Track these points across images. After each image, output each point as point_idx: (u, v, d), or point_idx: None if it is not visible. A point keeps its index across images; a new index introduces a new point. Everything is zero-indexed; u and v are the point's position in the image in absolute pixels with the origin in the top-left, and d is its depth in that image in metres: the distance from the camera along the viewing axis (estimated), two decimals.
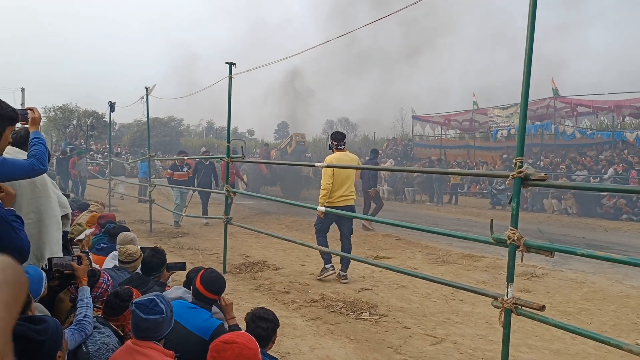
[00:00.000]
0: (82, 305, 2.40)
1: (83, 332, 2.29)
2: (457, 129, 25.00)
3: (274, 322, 2.61)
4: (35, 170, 2.60)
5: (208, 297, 2.97)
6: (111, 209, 12.87)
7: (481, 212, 14.31)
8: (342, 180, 6.04)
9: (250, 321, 2.56)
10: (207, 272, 3.01)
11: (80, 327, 2.29)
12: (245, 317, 2.65)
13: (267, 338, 2.53)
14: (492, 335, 4.27)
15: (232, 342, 2.07)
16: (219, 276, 3.03)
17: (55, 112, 35.99)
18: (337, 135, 6.32)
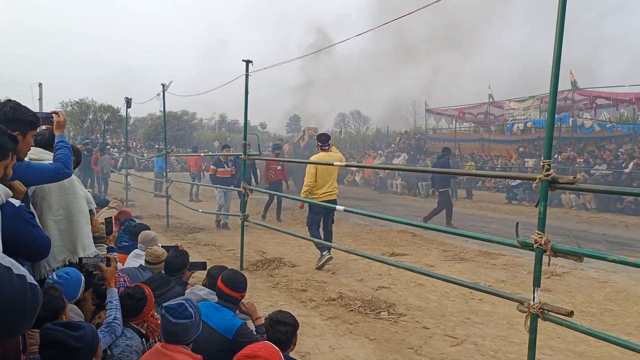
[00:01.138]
0: (112, 307, 2.44)
1: (113, 334, 2.33)
2: (471, 122, 24.75)
3: (293, 325, 2.61)
4: (61, 174, 2.63)
5: (230, 295, 3.02)
6: (128, 204, 13.02)
7: (497, 207, 14.18)
8: (325, 179, 6.71)
9: (269, 326, 2.57)
10: (227, 271, 3.09)
11: (111, 329, 2.32)
12: (264, 323, 2.66)
13: (287, 341, 2.53)
14: (513, 336, 4.23)
15: (255, 356, 2.07)
16: (238, 274, 3.11)
17: (72, 107, 36.43)
18: (322, 137, 6.95)
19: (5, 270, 0.90)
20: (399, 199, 17.36)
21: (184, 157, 26.06)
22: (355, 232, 9.72)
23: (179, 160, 28.72)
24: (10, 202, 1.90)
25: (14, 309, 0.90)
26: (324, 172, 6.64)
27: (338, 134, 39.81)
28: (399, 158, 21.59)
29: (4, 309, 0.89)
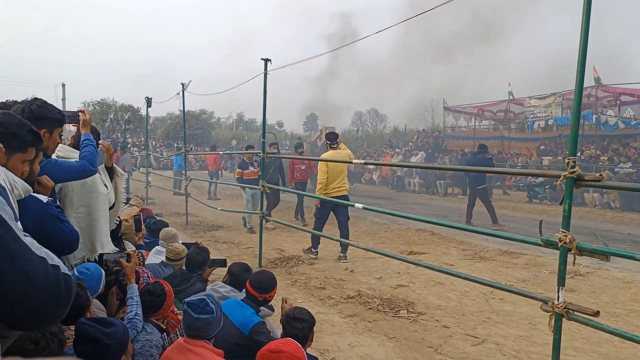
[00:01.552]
0: (132, 303, 2.47)
1: (134, 329, 2.36)
2: (491, 120, 24.41)
3: (309, 322, 2.62)
4: (86, 172, 2.68)
5: (251, 293, 3.05)
6: (148, 202, 13.22)
7: (517, 206, 13.96)
8: (335, 175, 7.04)
9: (285, 323, 2.58)
10: (258, 270, 3.17)
11: (132, 325, 2.36)
12: (281, 319, 2.68)
13: (304, 338, 2.54)
14: (535, 336, 4.16)
15: (279, 351, 2.08)
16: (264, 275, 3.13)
17: (93, 107, 37.11)
18: (331, 135, 7.33)
19: (40, 261, 0.92)
20: (417, 198, 17.23)
21: (202, 156, 26.33)
22: (373, 230, 9.69)
23: (197, 159, 29.02)
24: (38, 198, 1.93)
25: (49, 298, 0.92)
26: (335, 169, 6.98)
27: (355, 132, 39.72)
28: (416, 156, 21.41)
29: (40, 298, 0.91)
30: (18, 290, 0.88)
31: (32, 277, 0.89)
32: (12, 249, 0.87)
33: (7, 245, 0.87)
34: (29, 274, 0.89)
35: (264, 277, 3.08)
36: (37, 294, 0.90)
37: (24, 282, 0.88)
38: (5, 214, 0.89)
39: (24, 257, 0.89)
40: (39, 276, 0.90)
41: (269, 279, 3.09)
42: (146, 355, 2.38)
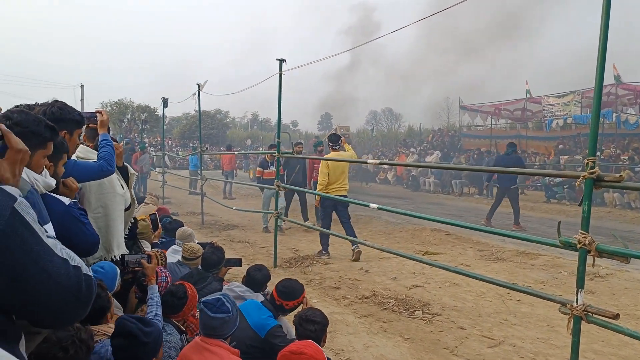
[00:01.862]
0: (152, 303, 2.50)
1: None
2: (508, 119, 24.09)
3: (322, 324, 2.61)
4: (104, 172, 2.72)
5: (272, 296, 3.07)
6: (164, 201, 13.37)
7: (535, 206, 13.76)
8: (337, 176, 7.25)
9: (298, 324, 2.58)
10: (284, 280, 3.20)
11: None
12: (294, 320, 2.68)
13: (316, 339, 2.54)
14: (554, 339, 4.10)
15: (300, 352, 2.09)
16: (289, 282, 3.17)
17: (111, 107, 37.70)
18: (333, 137, 7.51)
19: (62, 262, 0.95)
20: (432, 197, 17.11)
21: (217, 155, 26.53)
22: (388, 230, 9.65)
23: (212, 159, 29.26)
24: (60, 199, 1.97)
25: (71, 298, 0.95)
26: (336, 171, 7.21)
27: (370, 131, 39.59)
28: (432, 156, 21.26)
29: (62, 298, 0.94)
30: (41, 291, 0.90)
31: (55, 278, 0.92)
32: (36, 251, 0.90)
33: (31, 247, 0.89)
34: (51, 275, 0.92)
35: (290, 284, 3.10)
36: (59, 294, 0.93)
37: (46, 282, 0.91)
38: (30, 217, 0.91)
39: (47, 258, 0.92)
40: (61, 277, 0.93)
41: (293, 287, 3.10)
42: (164, 356, 2.41)
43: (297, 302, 3.09)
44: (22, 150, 1.03)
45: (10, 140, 1.01)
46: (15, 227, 0.88)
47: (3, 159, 0.99)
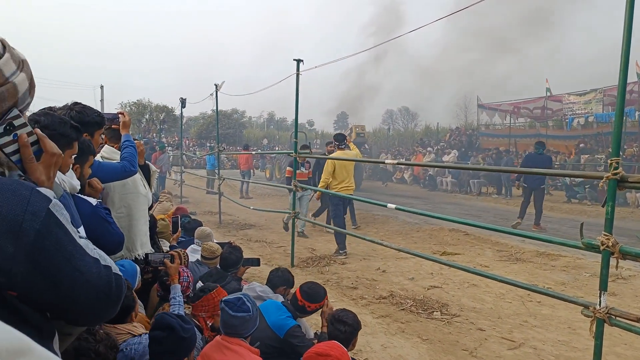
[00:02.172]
0: (175, 303, 2.55)
1: None
2: (527, 118, 23.74)
3: (353, 326, 2.63)
4: (127, 172, 2.78)
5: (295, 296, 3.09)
6: (182, 200, 13.53)
7: (555, 206, 13.53)
8: (343, 175, 7.45)
9: (330, 323, 2.60)
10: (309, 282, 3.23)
11: None
12: (327, 318, 2.70)
13: (345, 341, 2.55)
14: (575, 341, 4.04)
15: (326, 354, 2.11)
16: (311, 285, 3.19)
17: (130, 108, 38.27)
18: (339, 137, 7.73)
19: (94, 262, 0.98)
20: (449, 197, 16.96)
21: (233, 155, 26.71)
22: (405, 230, 9.61)
23: (229, 158, 29.48)
24: (88, 200, 2.02)
25: (102, 297, 0.98)
26: (342, 169, 7.38)
27: (386, 130, 39.44)
28: (449, 155, 21.06)
29: (93, 297, 0.97)
30: (75, 289, 0.94)
31: (87, 277, 0.95)
32: (69, 251, 0.94)
33: (65, 247, 0.93)
34: (84, 274, 0.95)
35: (314, 287, 3.12)
36: (91, 293, 0.96)
37: (79, 281, 0.94)
38: (63, 218, 0.95)
39: (80, 258, 0.95)
40: (93, 276, 0.96)
41: (317, 291, 3.11)
42: None
43: (319, 306, 3.11)
44: (56, 154, 1.07)
45: (45, 144, 1.05)
46: (50, 228, 0.91)
47: (39, 163, 1.03)
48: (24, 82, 1.00)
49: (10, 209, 0.87)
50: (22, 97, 1.01)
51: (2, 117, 0.96)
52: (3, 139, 0.96)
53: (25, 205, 0.89)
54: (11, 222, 0.86)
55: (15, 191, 0.89)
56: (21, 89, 1.00)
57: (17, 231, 0.87)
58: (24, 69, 1.01)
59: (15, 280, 0.87)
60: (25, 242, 0.87)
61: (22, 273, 0.87)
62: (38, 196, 0.92)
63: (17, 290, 0.89)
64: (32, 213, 0.89)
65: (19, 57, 1.02)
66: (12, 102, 0.98)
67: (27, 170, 1.01)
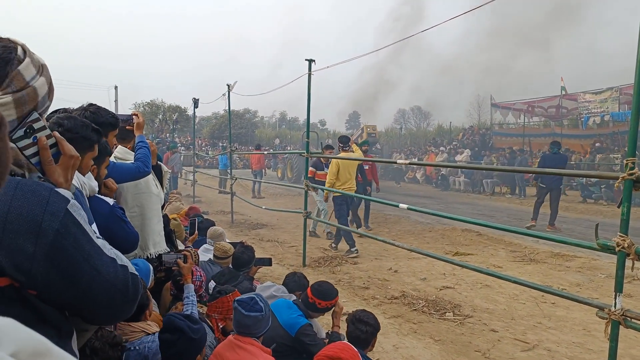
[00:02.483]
0: (188, 302, 2.57)
1: None
2: (541, 117, 23.46)
3: (374, 327, 2.63)
4: (141, 173, 2.81)
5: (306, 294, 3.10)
6: (195, 200, 13.64)
7: (570, 206, 13.37)
8: (346, 176, 7.69)
9: (351, 323, 2.60)
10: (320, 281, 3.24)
11: None
12: (347, 318, 2.71)
13: (365, 341, 2.55)
14: (590, 343, 3.99)
15: (337, 357, 2.11)
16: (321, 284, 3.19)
17: (143, 108, 38.67)
18: (343, 139, 8.00)
19: (111, 261, 1.01)
20: (462, 197, 16.84)
21: (245, 155, 26.85)
22: (417, 230, 9.57)
23: (242, 158, 29.63)
24: (105, 200, 2.05)
25: (119, 296, 1.01)
26: (345, 170, 7.63)
27: (398, 130, 39.28)
28: (462, 155, 20.91)
29: (110, 296, 0.99)
30: (92, 288, 0.96)
31: (105, 276, 0.98)
32: (87, 250, 0.96)
33: (83, 247, 0.95)
34: (101, 273, 0.97)
35: (325, 286, 3.13)
36: (109, 292, 0.99)
37: (97, 280, 0.96)
38: (81, 218, 0.97)
39: (97, 257, 0.98)
40: (110, 275, 0.99)
41: (328, 289, 3.12)
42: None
43: (330, 304, 3.11)
44: (74, 156, 1.10)
45: (64, 147, 1.08)
46: (69, 227, 0.93)
47: (57, 165, 1.06)
48: (43, 86, 1.03)
49: (30, 210, 0.89)
50: (42, 100, 1.03)
51: (23, 120, 0.99)
52: (23, 141, 0.99)
53: (44, 205, 0.91)
54: (31, 222, 0.88)
55: (34, 192, 0.92)
56: (41, 92, 1.02)
57: (37, 231, 0.89)
58: (43, 73, 1.04)
59: (35, 279, 0.89)
60: (45, 241, 0.89)
61: (42, 272, 0.89)
62: (57, 196, 0.94)
63: (37, 289, 0.91)
64: (51, 213, 0.91)
65: (39, 61, 1.04)
66: (32, 105, 1.00)
67: (46, 172, 1.04)
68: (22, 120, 0.99)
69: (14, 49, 0.99)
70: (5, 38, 1.02)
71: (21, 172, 1.01)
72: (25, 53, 1.01)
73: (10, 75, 0.96)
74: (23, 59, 0.99)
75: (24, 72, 0.98)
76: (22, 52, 1.00)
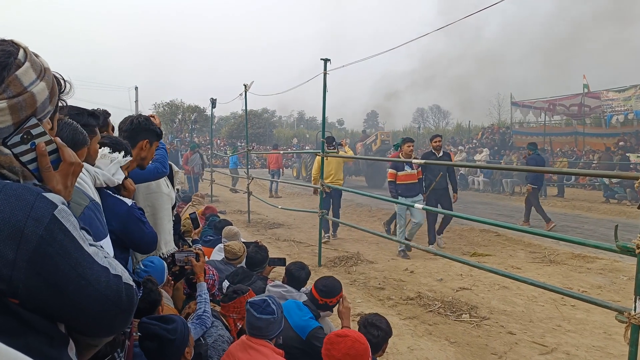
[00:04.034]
0: (201, 300, 2.60)
1: (203, 325, 2.48)
2: (563, 115, 23.00)
3: (386, 332, 2.62)
4: (159, 174, 2.87)
5: (313, 296, 3.09)
6: (212, 199, 13.77)
7: (592, 206, 13.07)
8: (329, 172, 8.18)
9: (362, 326, 2.59)
10: (322, 278, 3.17)
11: (201, 322, 2.48)
12: (358, 321, 2.70)
13: (377, 345, 2.54)
14: (611, 347, 3.89)
15: (345, 335, 2.16)
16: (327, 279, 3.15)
17: (163, 108, 39.23)
18: (329, 139, 8.00)
19: (102, 270, 0.96)
20: (481, 197, 16.62)
21: (263, 155, 26.99)
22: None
23: (259, 158, 29.81)
24: (123, 201, 2.09)
25: (110, 307, 0.96)
26: (328, 167, 8.05)
27: (417, 129, 39.00)
28: (481, 154, 20.63)
29: (101, 307, 0.95)
30: (80, 298, 0.92)
31: (94, 285, 0.93)
32: (75, 258, 0.92)
33: (70, 254, 0.91)
34: (90, 282, 0.93)
35: (329, 282, 3.10)
36: (98, 302, 0.94)
37: (85, 290, 0.92)
38: (70, 224, 0.93)
39: (86, 265, 0.93)
40: (100, 284, 0.94)
41: (333, 285, 3.10)
42: (219, 350, 2.50)
43: (338, 298, 3.10)
44: (75, 162, 1.07)
45: (64, 153, 1.04)
46: (55, 234, 0.89)
47: (57, 172, 1.03)
48: (43, 91, 1.00)
49: (13, 215, 0.85)
50: (41, 106, 1.00)
51: (20, 126, 0.96)
52: (19, 147, 0.96)
53: (28, 210, 0.87)
54: (12, 227, 0.85)
55: (19, 196, 0.88)
56: (39, 98, 0.99)
57: (19, 237, 0.85)
58: (45, 77, 1.00)
59: (16, 287, 0.85)
60: (27, 248, 0.85)
61: (23, 280, 0.85)
62: (43, 202, 0.90)
63: (18, 297, 0.87)
64: (35, 219, 0.87)
65: (41, 65, 1.01)
66: (30, 111, 0.97)
67: (44, 179, 1.00)
68: (19, 125, 0.96)
69: (15, 52, 0.96)
70: (9, 40, 0.99)
71: (15, 179, 0.97)
72: (27, 56, 0.98)
73: (7, 81, 0.93)
74: (23, 63, 0.96)
75: (22, 78, 0.95)
76: (23, 56, 0.97)
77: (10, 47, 0.96)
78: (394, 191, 7.27)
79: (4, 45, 0.96)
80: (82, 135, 1.55)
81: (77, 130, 1.54)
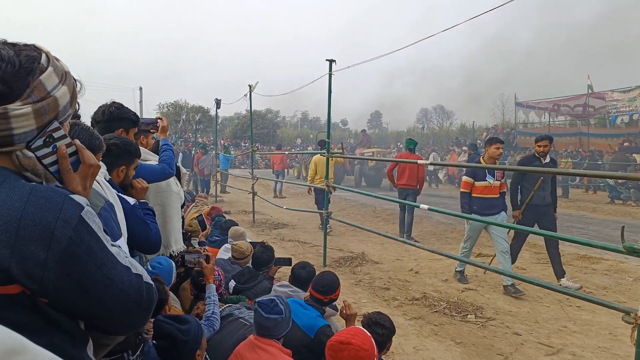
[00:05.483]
0: (210, 302, 2.62)
1: (212, 327, 2.50)
2: (567, 115, 22.93)
3: (390, 330, 2.63)
4: (166, 174, 2.89)
5: (314, 296, 3.09)
6: (217, 200, 13.80)
7: (597, 207, 13.02)
8: (322, 172, 8.67)
9: (366, 325, 2.60)
10: (321, 272, 3.18)
11: (210, 323, 2.50)
12: (362, 320, 2.71)
13: (381, 344, 2.55)
14: (617, 348, 3.89)
15: (348, 343, 2.12)
16: (326, 276, 3.15)
17: (167, 108, 39.34)
18: (321, 143, 8.87)
19: (125, 270, 1.00)
20: None
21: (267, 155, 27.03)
22: (439, 230, 9.48)
23: (263, 158, 29.84)
24: (126, 199, 2.11)
25: (132, 305, 1.00)
26: (323, 167, 8.35)
27: (420, 129, 38.93)
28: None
29: (123, 306, 0.98)
30: (105, 297, 0.95)
31: (118, 285, 0.97)
32: (100, 258, 0.95)
33: (96, 254, 0.94)
34: (114, 281, 0.96)
35: (326, 280, 3.10)
36: (121, 301, 0.98)
37: (109, 289, 0.96)
38: (95, 225, 0.96)
39: (111, 266, 0.97)
40: (123, 284, 0.98)
41: (330, 281, 3.11)
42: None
43: (338, 292, 3.11)
44: (94, 165, 1.10)
45: (84, 155, 1.07)
46: (82, 235, 0.92)
47: (76, 173, 1.05)
48: (65, 95, 1.01)
49: (43, 216, 0.88)
50: (63, 109, 1.02)
51: (43, 129, 0.98)
52: (42, 150, 0.98)
53: (57, 212, 0.90)
54: (43, 229, 0.87)
55: (48, 198, 0.91)
56: (62, 102, 1.01)
57: (49, 238, 0.88)
58: (66, 81, 1.02)
59: (46, 287, 0.88)
60: (57, 249, 0.88)
61: (53, 280, 0.88)
62: (71, 203, 0.93)
63: (48, 297, 0.90)
64: (64, 220, 0.90)
65: (63, 69, 1.03)
66: (52, 115, 0.99)
67: (65, 180, 1.03)
68: (42, 129, 0.98)
69: (38, 57, 0.98)
70: (31, 45, 1.00)
71: (39, 181, 1.00)
72: (49, 61, 0.99)
73: (32, 86, 0.94)
74: (46, 68, 0.98)
75: (46, 82, 0.97)
76: (45, 61, 0.98)
77: (33, 52, 0.98)
78: (467, 206, 5.61)
79: (27, 50, 0.97)
80: (98, 141, 1.57)
81: (93, 136, 1.56)
